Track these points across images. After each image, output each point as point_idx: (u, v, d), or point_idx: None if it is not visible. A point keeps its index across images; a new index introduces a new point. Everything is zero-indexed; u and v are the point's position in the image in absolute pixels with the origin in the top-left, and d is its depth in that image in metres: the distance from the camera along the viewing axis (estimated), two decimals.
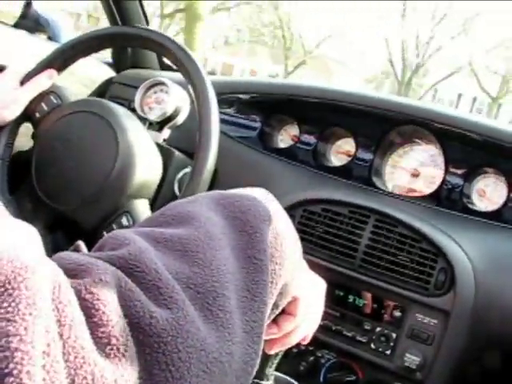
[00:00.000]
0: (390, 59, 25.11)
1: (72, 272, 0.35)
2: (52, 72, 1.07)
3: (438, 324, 1.01)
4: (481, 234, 1.08)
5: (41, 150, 1.04)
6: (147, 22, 1.54)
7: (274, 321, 0.58)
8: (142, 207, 0.99)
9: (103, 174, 0.97)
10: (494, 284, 1.00)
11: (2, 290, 0.27)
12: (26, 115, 1.07)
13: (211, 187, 0.97)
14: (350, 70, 28.76)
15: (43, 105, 1.07)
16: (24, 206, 1.04)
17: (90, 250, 0.44)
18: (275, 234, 0.48)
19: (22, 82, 1.06)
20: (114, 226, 0.96)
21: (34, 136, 1.09)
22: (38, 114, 1.07)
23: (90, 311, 0.32)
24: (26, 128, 1.09)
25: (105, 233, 0.96)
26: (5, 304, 0.27)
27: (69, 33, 1.61)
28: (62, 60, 1.09)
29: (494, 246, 1.06)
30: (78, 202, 0.98)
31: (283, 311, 0.57)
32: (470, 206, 1.14)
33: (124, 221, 0.97)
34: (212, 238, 0.44)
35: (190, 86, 1.01)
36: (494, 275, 1.01)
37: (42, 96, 1.07)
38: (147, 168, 1.01)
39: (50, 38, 1.57)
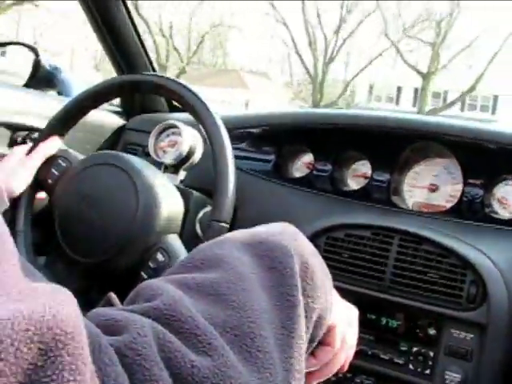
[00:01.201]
0: (298, 53, 23.78)
1: (110, 329, 0.35)
2: (56, 138, 1.09)
3: (475, 338, 0.99)
4: (507, 242, 1.07)
5: (62, 211, 1.05)
6: (153, 68, 1.56)
7: (312, 353, 0.58)
8: (173, 241, 1.00)
9: (128, 219, 0.98)
10: None
11: (45, 357, 0.27)
12: (39, 184, 1.09)
13: (232, 224, 0.98)
14: (268, 79, 27.67)
15: (53, 170, 1.09)
16: (56, 268, 1.05)
17: (126, 295, 0.45)
18: (304, 268, 0.48)
19: (29, 152, 1.08)
20: (151, 264, 0.97)
21: (49, 201, 1.10)
22: (50, 181, 1.09)
23: (132, 367, 0.32)
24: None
25: (143, 273, 0.97)
26: (49, 372, 0.27)
27: (79, 86, 1.64)
28: (75, 112, 1.11)
29: None
30: (111, 251, 0.99)
31: (319, 342, 0.56)
32: (492, 215, 1.13)
33: (160, 257, 0.97)
34: (243, 278, 0.44)
35: (201, 127, 1.03)
36: None
37: (50, 162, 1.09)
38: (170, 205, 1.02)
39: (59, 93, 1.61)
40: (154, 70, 1.57)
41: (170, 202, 1.02)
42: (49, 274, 1.03)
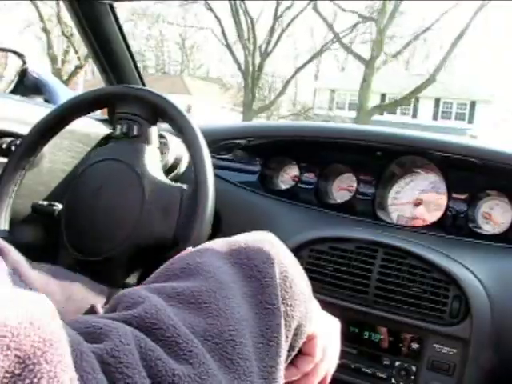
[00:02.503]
0: (228, 45, 20.39)
1: (91, 336, 0.35)
2: None
3: (458, 353, 0.99)
4: (490, 257, 1.07)
5: (68, 210, 1.05)
6: (141, 78, 1.56)
7: (292, 363, 0.58)
8: None
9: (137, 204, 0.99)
10: (510, 307, 0.99)
11: (23, 365, 0.27)
12: None
13: (215, 234, 0.97)
14: (206, 84, 26.65)
15: None
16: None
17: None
18: (283, 276, 0.49)
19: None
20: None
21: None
22: None
23: (113, 375, 0.32)
24: None
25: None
26: (27, 381, 0.27)
27: (65, 94, 1.64)
28: (57, 121, 1.11)
29: (505, 268, 1.06)
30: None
31: (300, 352, 0.56)
32: (476, 230, 1.14)
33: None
34: (223, 287, 0.44)
35: (181, 137, 1.03)
36: (509, 298, 1.00)
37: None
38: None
39: (46, 101, 1.60)
40: (142, 80, 1.57)
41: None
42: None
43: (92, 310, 0.45)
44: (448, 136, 1.23)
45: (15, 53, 1.57)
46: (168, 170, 1.14)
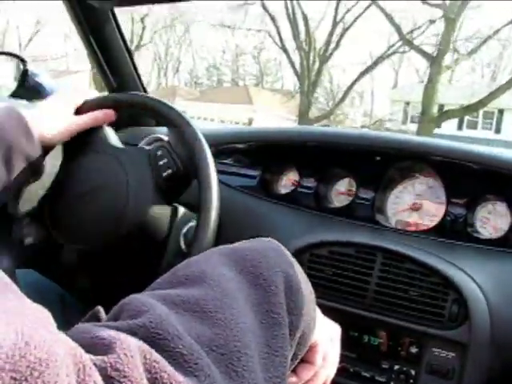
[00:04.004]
0: (285, 50, 18.94)
1: (95, 347, 0.34)
2: (110, 112, 1.05)
3: (457, 357, 1.00)
4: (489, 261, 1.08)
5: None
6: (142, 84, 1.57)
7: (293, 370, 0.58)
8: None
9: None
10: (509, 311, 1.00)
11: None
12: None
13: (216, 239, 0.98)
14: (272, 94, 25.33)
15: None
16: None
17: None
18: (289, 285, 0.49)
19: (78, 112, 1.03)
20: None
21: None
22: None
23: None
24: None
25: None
26: None
27: None
28: None
29: (503, 272, 1.06)
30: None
31: (301, 360, 0.57)
32: (474, 234, 1.14)
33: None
34: (228, 295, 0.44)
35: (185, 144, 1.03)
36: (507, 302, 1.00)
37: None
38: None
39: None
40: (143, 86, 1.58)
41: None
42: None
43: (95, 316, 0.45)
44: (447, 141, 1.23)
45: (16, 56, 1.57)
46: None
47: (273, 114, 22.09)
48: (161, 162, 1.06)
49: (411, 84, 22.61)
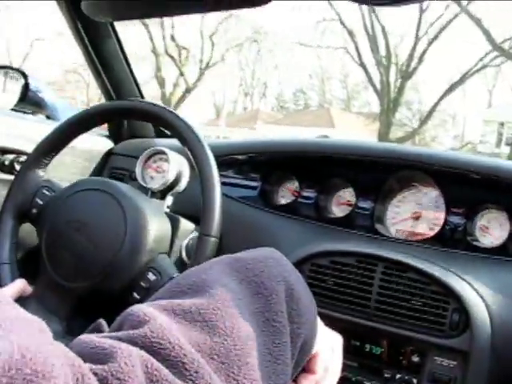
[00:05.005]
0: (364, 65, 17.69)
1: (95, 357, 0.34)
2: (22, 281, 1.02)
3: (458, 366, 1.00)
4: (489, 270, 1.08)
5: (49, 238, 1.05)
6: (141, 94, 1.58)
7: (294, 380, 0.58)
8: (163, 260, 1.02)
9: (118, 242, 0.99)
10: (509, 319, 1.00)
11: None
12: (23, 215, 1.10)
13: (217, 250, 0.98)
14: (356, 117, 24.15)
15: (37, 200, 1.10)
16: (45, 296, 1.04)
17: (115, 317, 0.44)
18: (290, 294, 0.49)
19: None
20: (143, 284, 0.98)
21: (36, 231, 1.10)
22: (34, 210, 1.10)
23: None
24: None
25: (135, 294, 0.98)
26: None
27: (66, 110, 1.65)
28: (61, 139, 1.12)
29: (503, 280, 1.06)
30: (102, 274, 0.99)
31: (302, 369, 0.57)
32: (474, 243, 1.14)
33: (151, 276, 0.99)
34: (230, 305, 0.44)
35: (189, 153, 1.04)
36: (507, 310, 1.01)
37: (34, 193, 1.10)
38: (157, 224, 1.04)
39: (48, 117, 1.61)
40: (141, 95, 1.58)
41: (157, 222, 1.04)
42: (38, 303, 1.02)
43: (97, 328, 0.45)
44: (445, 150, 1.24)
45: (17, 70, 1.59)
46: (168, 188, 1.14)
47: (352, 136, 20.06)
48: None
49: (506, 103, 21.20)
